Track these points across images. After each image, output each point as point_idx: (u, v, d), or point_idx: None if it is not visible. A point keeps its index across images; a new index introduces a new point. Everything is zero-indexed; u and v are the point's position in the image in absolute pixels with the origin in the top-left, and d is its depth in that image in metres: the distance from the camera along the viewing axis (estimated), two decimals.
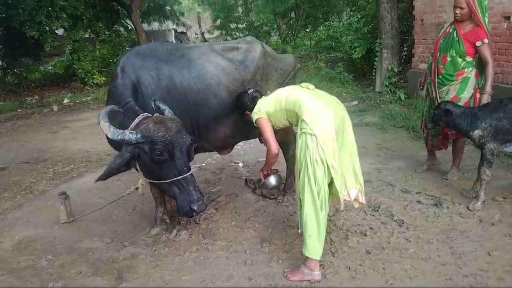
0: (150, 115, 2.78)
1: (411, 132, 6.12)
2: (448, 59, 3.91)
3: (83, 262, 3.25)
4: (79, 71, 12.92)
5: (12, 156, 6.41)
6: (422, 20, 8.09)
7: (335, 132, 2.77)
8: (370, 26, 10.37)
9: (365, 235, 3.34)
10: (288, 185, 4.17)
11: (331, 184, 2.81)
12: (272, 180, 3.40)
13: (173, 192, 2.74)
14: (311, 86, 3.09)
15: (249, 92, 3.28)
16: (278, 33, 16.34)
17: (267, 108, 3.06)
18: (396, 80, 8.90)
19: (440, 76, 4.00)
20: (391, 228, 3.43)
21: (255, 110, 3.11)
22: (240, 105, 3.34)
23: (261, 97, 3.21)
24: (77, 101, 11.30)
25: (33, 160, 6.09)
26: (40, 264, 3.27)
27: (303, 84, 3.12)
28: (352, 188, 3.00)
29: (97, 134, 7.20)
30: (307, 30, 16.20)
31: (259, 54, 3.68)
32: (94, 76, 13.01)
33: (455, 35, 3.88)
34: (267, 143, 3.07)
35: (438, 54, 4.00)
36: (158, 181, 2.75)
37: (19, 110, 10.32)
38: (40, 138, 7.54)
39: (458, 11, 3.80)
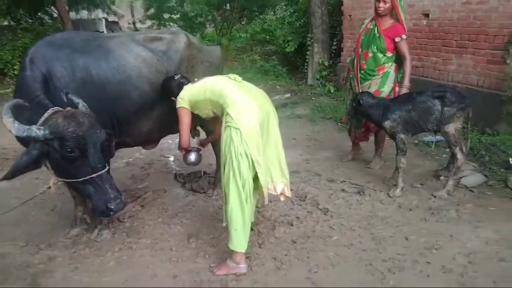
0: (61, 109, 2.59)
1: (339, 124, 6.35)
2: (370, 55, 4.07)
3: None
4: None
5: None
6: (350, 15, 8.40)
7: (260, 127, 2.76)
8: (302, 21, 10.56)
9: (292, 224, 3.41)
10: (218, 178, 4.11)
11: (255, 178, 2.81)
12: (192, 156, 3.31)
13: (88, 191, 2.57)
14: (239, 78, 3.05)
15: (176, 77, 3.20)
16: (213, 24, 16.11)
17: (190, 97, 2.99)
18: (326, 73, 9.18)
19: (363, 71, 4.16)
20: (316, 217, 3.53)
21: (179, 96, 3.03)
22: (165, 90, 3.24)
23: (187, 84, 3.13)
24: None
25: None
26: None
27: (231, 75, 3.07)
28: (278, 182, 3.02)
29: None
30: (242, 23, 16.17)
31: (183, 45, 3.57)
32: (15, 67, 11.93)
33: (376, 31, 4.04)
34: (180, 135, 3.08)
35: (360, 50, 4.16)
36: (71, 180, 2.57)
37: None
38: None
39: (381, 5, 3.93)
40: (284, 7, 14.98)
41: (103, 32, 23.94)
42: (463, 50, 5.71)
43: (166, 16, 16.96)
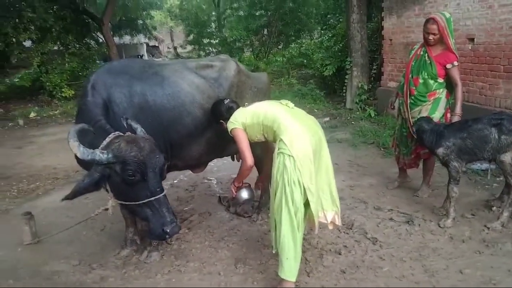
0: (122, 134, 2.71)
1: (382, 149, 6.24)
2: (420, 81, 4.03)
3: (48, 287, 3.08)
4: (47, 84, 12.52)
5: None
6: (391, 40, 8.36)
7: (313, 154, 2.76)
8: (341, 45, 10.62)
9: (340, 253, 3.34)
10: (263, 202, 4.14)
11: (306, 205, 2.80)
12: (244, 193, 3.35)
13: (145, 214, 2.64)
14: (291, 104, 3.07)
15: (225, 102, 3.24)
16: (251, 49, 16.47)
17: (243, 120, 3.02)
18: (366, 97, 9.11)
19: (413, 97, 4.11)
20: (365, 246, 3.45)
21: (231, 119, 3.06)
22: (214, 113, 3.29)
23: (237, 108, 3.18)
24: (44, 115, 10.93)
25: None
26: None
27: (283, 101, 3.10)
28: (329, 211, 2.98)
29: (65, 150, 6.87)
30: (279, 47, 16.45)
31: (233, 72, 3.68)
32: (63, 90, 12.63)
33: (426, 57, 4.00)
34: (242, 154, 3.03)
35: (410, 76, 4.11)
36: (130, 203, 2.65)
37: None
38: (4, 153, 7.22)
39: (431, 37, 3.91)
40: (321, 31, 15.13)
41: (143, 55, 24.98)
42: (511, 75, 5.54)
43: (205, 41, 17.49)
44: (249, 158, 2.99)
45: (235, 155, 4.16)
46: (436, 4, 6.87)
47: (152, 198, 2.58)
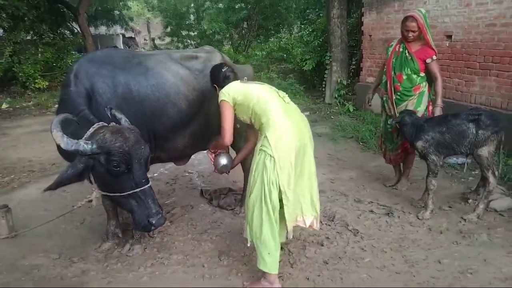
0: (106, 124, 2.66)
1: (361, 143, 6.35)
2: (404, 77, 4.08)
3: (27, 281, 3.01)
4: (20, 74, 12.10)
5: None
6: (370, 35, 8.47)
7: (295, 158, 2.72)
8: (320, 40, 10.68)
9: (322, 245, 3.39)
10: (245, 195, 4.14)
11: (281, 206, 2.75)
12: (222, 159, 3.16)
13: (130, 205, 2.60)
14: (287, 99, 2.95)
15: (224, 69, 3.11)
16: (230, 42, 16.39)
17: (235, 95, 2.89)
18: (345, 92, 9.23)
19: (399, 93, 4.15)
20: (346, 237, 3.52)
21: (224, 90, 2.93)
22: (211, 77, 3.18)
23: (234, 79, 3.07)
24: (17, 107, 10.60)
25: None
26: None
27: (280, 93, 2.97)
28: (308, 215, 2.94)
29: (40, 142, 6.81)
30: (259, 40, 16.42)
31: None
32: (36, 81, 12.24)
33: (407, 54, 4.07)
34: (222, 130, 2.92)
35: (392, 73, 4.16)
36: (114, 194, 2.61)
37: None
38: None
39: (411, 34, 3.98)
40: (301, 26, 15.19)
41: (116, 47, 24.46)
42: (486, 71, 5.71)
43: (184, 33, 17.28)
44: (228, 137, 2.90)
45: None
46: (415, 1, 7.00)
47: (138, 190, 2.55)
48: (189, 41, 16.89)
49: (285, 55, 14.16)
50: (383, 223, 3.75)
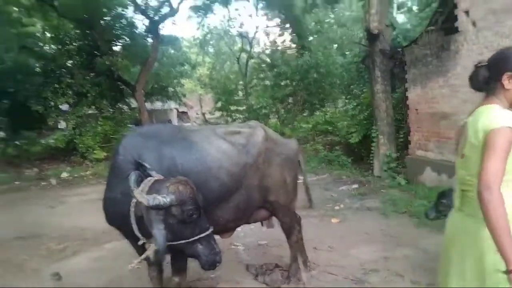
0: (158, 178, 2.81)
1: (414, 219, 6.05)
2: None
3: None
4: (80, 145, 13.09)
5: (6, 230, 6.21)
6: (416, 109, 8.45)
7: None
8: (366, 113, 10.78)
9: None
10: (292, 272, 4.01)
11: None
12: None
13: (195, 249, 2.76)
14: None
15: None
16: (277, 116, 16.91)
17: None
18: (394, 165, 9.04)
19: None
20: None
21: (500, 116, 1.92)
22: (496, 65, 2.07)
23: None
24: (75, 175, 11.28)
25: (27, 235, 5.90)
26: None
27: None
28: None
29: (95, 211, 7.03)
30: (304, 114, 16.82)
31: (261, 138, 3.72)
32: (95, 151, 13.15)
33: None
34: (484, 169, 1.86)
35: None
36: (183, 241, 2.72)
37: (16, 183, 10.23)
38: (37, 212, 7.40)
39: None
40: (346, 100, 15.48)
41: (170, 121, 25.91)
42: None
43: (233, 108, 18.09)
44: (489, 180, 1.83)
45: (262, 221, 4.12)
46: (460, 76, 6.96)
47: (208, 231, 2.76)
48: (237, 115, 17.60)
49: (330, 128, 14.34)
50: None
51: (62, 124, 15.61)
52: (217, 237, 3.02)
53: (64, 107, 14.57)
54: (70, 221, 6.71)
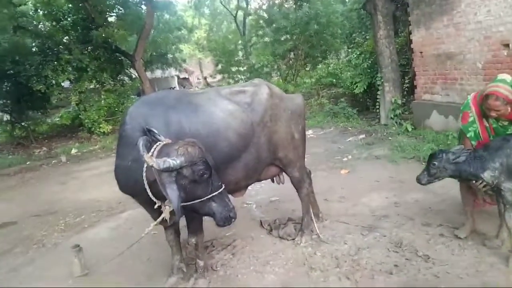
0: (166, 142, 2.85)
1: (423, 163, 6.04)
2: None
3: None
4: (86, 121, 13.13)
5: (22, 209, 6.36)
6: (421, 52, 8.23)
7: None
8: (369, 61, 10.57)
9: (391, 273, 3.22)
10: (305, 225, 4.07)
11: None
12: None
13: (209, 207, 2.85)
14: None
15: None
16: (278, 73, 16.64)
17: None
18: (401, 111, 8.95)
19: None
20: (416, 264, 3.31)
21: None
22: None
23: None
24: (84, 151, 11.39)
25: (43, 213, 6.04)
26: None
27: None
28: None
29: (107, 183, 7.18)
30: (307, 69, 16.51)
31: (266, 96, 3.69)
32: (101, 125, 13.20)
33: (501, 123, 3.44)
34: None
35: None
36: (196, 201, 2.80)
37: (27, 163, 10.37)
38: (50, 189, 7.53)
39: (494, 113, 3.30)
40: (348, 50, 15.12)
41: (174, 87, 25.75)
42: None
43: (234, 69, 17.83)
44: None
45: (274, 178, 4.15)
46: (465, 13, 6.73)
47: (221, 189, 2.85)
48: (239, 76, 17.35)
49: (334, 80, 14.13)
50: (456, 246, 3.49)
51: (65, 102, 15.58)
52: (229, 196, 3.04)
53: (66, 84, 14.51)
54: (84, 195, 6.84)
